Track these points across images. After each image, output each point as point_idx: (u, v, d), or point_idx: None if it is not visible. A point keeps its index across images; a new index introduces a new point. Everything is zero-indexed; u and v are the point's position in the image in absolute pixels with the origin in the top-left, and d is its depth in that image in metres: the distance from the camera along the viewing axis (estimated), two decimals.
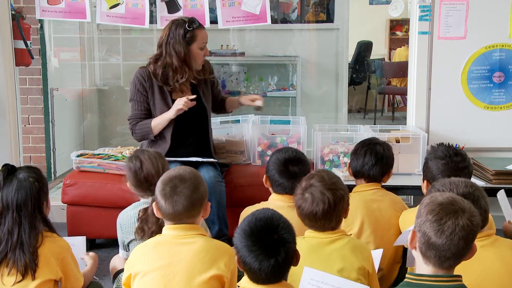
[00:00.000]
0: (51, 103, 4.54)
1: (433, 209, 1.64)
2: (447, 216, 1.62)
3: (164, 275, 1.94)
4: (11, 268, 2.07)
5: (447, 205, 1.64)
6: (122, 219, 2.52)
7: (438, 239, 1.61)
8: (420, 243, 1.66)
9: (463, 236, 1.60)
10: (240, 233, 1.73)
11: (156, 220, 2.31)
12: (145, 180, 2.44)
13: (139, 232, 2.36)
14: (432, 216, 1.63)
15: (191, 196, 2.02)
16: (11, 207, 2.13)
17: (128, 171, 2.48)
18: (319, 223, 2.07)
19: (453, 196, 1.69)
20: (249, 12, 3.69)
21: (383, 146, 2.70)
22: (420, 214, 1.67)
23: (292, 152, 2.62)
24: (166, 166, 2.49)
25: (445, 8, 3.66)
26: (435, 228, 1.62)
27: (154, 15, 3.78)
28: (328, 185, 2.08)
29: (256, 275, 1.70)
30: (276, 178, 2.54)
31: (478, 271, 1.89)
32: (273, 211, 1.78)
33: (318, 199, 2.05)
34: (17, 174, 2.16)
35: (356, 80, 7.80)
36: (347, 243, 2.07)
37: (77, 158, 3.49)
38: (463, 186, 1.94)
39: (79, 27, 5.06)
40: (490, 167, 3.37)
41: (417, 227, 1.67)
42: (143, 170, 2.44)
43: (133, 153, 2.53)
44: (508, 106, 3.74)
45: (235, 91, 5.36)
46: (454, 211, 1.63)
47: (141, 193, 2.49)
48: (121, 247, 2.57)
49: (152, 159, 2.46)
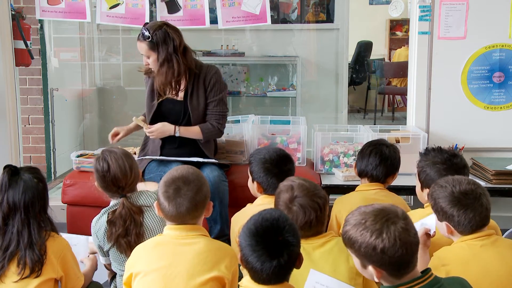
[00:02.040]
0: (51, 103, 4.54)
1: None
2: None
3: (164, 276, 1.94)
4: (22, 269, 2.08)
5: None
6: (95, 227, 2.46)
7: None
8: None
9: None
10: (245, 231, 1.72)
11: (123, 223, 2.31)
12: (112, 183, 2.39)
13: (108, 236, 2.35)
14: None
15: (195, 198, 2.01)
16: (19, 208, 2.13)
17: (96, 173, 2.43)
18: (313, 231, 2.05)
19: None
20: (249, 12, 3.69)
21: (390, 148, 2.70)
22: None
23: (275, 151, 2.59)
24: (134, 166, 2.43)
25: (445, 8, 3.66)
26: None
27: (154, 15, 3.78)
28: (311, 191, 2.07)
29: (258, 275, 1.69)
30: (273, 181, 2.48)
31: (478, 271, 1.89)
32: (280, 213, 1.76)
33: (309, 208, 2.03)
34: (21, 175, 2.17)
35: (356, 80, 7.80)
36: (335, 244, 2.06)
37: (77, 158, 3.49)
38: (466, 183, 1.97)
39: (79, 27, 5.06)
40: (490, 167, 3.37)
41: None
42: (110, 172, 2.38)
43: (100, 153, 2.46)
44: (508, 106, 3.74)
45: (235, 91, 5.36)
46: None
47: (109, 194, 2.45)
48: (100, 254, 2.51)
49: (118, 161, 2.39)
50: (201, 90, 3.23)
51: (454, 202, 1.94)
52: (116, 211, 2.35)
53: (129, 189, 2.41)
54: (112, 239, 2.34)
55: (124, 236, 2.32)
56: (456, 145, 3.59)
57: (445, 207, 1.96)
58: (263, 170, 2.52)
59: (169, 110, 3.25)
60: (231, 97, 5.34)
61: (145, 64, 3.21)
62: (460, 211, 1.93)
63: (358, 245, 1.66)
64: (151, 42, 3.11)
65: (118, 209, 2.36)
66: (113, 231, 2.34)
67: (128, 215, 2.35)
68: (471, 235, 1.96)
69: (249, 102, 5.44)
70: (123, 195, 2.39)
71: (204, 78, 3.23)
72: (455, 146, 3.58)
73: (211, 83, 3.23)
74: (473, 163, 3.59)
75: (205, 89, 3.23)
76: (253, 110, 5.26)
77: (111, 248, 2.41)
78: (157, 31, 3.10)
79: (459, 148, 3.58)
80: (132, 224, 2.34)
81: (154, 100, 3.25)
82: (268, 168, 2.52)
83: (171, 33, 3.12)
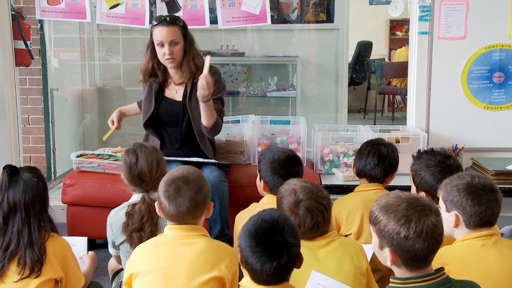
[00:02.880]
0: (51, 103, 4.54)
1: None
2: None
3: (165, 276, 1.94)
4: (22, 268, 2.08)
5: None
6: (112, 219, 2.48)
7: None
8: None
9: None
10: (245, 232, 1.72)
11: (140, 218, 2.31)
12: (138, 176, 2.41)
13: (124, 227, 2.36)
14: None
15: (195, 198, 2.01)
16: (19, 208, 2.14)
17: (124, 164, 2.46)
18: (320, 231, 2.05)
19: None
20: (249, 12, 3.69)
21: (388, 147, 2.68)
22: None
23: (284, 151, 2.58)
24: (161, 161, 2.46)
25: (445, 8, 3.66)
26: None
27: (154, 15, 3.77)
28: (315, 193, 2.06)
29: (258, 276, 1.69)
30: (279, 182, 2.45)
31: (479, 271, 1.89)
32: (280, 213, 1.76)
33: (315, 210, 2.02)
34: (21, 174, 2.17)
35: (356, 80, 7.80)
36: (340, 244, 2.06)
37: (77, 158, 3.49)
38: (484, 177, 2.01)
39: (79, 27, 5.06)
40: (490, 167, 3.37)
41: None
42: (137, 166, 2.41)
43: (132, 146, 2.50)
44: (508, 106, 3.74)
45: (235, 91, 5.36)
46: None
47: (133, 187, 2.46)
48: (110, 245, 2.53)
49: (147, 156, 2.42)
50: None
51: (471, 193, 1.95)
52: (136, 205, 2.35)
53: (152, 185, 2.40)
54: (127, 231, 2.34)
55: (138, 231, 2.32)
56: (456, 145, 3.59)
57: (458, 196, 1.96)
58: (270, 169, 2.52)
59: (168, 112, 3.24)
60: (231, 97, 5.34)
61: (168, 53, 3.07)
62: (474, 201, 1.94)
63: (383, 225, 1.67)
64: (183, 27, 3.09)
65: (139, 204, 2.36)
66: (129, 224, 2.35)
67: (147, 211, 2.35)
68: (473, 233, 1.96)
69: (249, 102, 5.44)
70: (145, 190, 2.40)
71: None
72: (455, 146, 3.59)
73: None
74: (473, 163, 3.59)
75: None
76: (253, 110, 5.27)
77: (123, 243, 2.42)
78: (182, 20, 3.12)
79: (459, 148, 3.58)
80: (149, 221, 2.34)
81: (152, 101, 3.24)
82: (275, 168, 2.52)
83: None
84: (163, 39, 3.08)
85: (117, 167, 3.44)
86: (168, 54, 3.09)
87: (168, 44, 3.07)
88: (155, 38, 3.11)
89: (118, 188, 3.31)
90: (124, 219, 2.38)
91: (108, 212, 3.31)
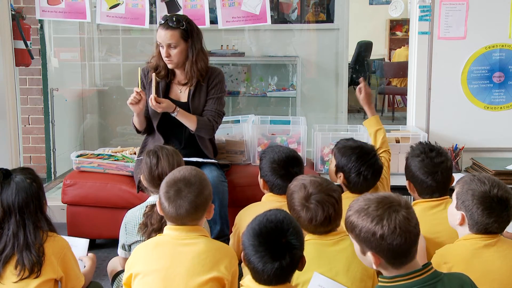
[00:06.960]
0: (51, 103, 4.54)
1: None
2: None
3: (164, 276, 1.94)
4: (20, 270, 2.08)
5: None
6: (128, 218, 2.50)
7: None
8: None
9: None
10: (249, 230, 1.72)
11: (160, 219, 2.31)
12: (158, 178, 2.41)
13: (142, 227, 2.36)
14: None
15: (195, 201, 2.01)
16: (14, 211, 2.13)
17: (144, 166, 2.47)
18: (332, 225, 2.04)
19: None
20: (249, 12, 3.69)
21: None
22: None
23: (285, 152, 2.58)
24: (181, 164, 2.48)
25: (445, 8, 3.66)
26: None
27: (154, 15, 3.78)
28: (325, 186, 2.06)
29: (259, 275, 1.69)
30: (278, 182, 2.50)
31: (480, 269, 1.89)
32: (285, 214, 1.75)
33: (326, 203, 2.01)
34: (13, 177, 2.16)
35: (356, 80, 7.78)
36: (350, 244, 2.05)
37: (77, 158, 3.49)
38: (504, 190, 1.96)
39: (79, 27, 5.06)
40: (490, 167, 3.37)
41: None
42: (158, 167, 2.43)
43: (153, 148, 2.53)
44: (508, 106, 3.74)
45: (235, 91, 5.36)
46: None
47: (152, 189, 2.48)
48: (120, 247, 2.55)
49: (169, 157, 2.45)
50: (204, 90, 3.22)
51: (483, 203, 1.92)
52: (155, 207, 2.33)
53: None
54: (146, 232, 2.34)
55: (157, 231, 2.30)
56: (456, 145, 3.59)
57: (471, 201, 1.94)
58: (270, 169, 2.53)
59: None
60: (231, 97, 5.34)
61: (165, 55, 3.08)
62: (484, 212, 1.92)
63: (359, 229, 1.67)
64: (185, 30, 3.08)
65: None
66: (148, 224, 2.35)
67: None
68: (477, 235, 1.96)
69: (249, 102, 5.44)
70: None
71: (208, 79, 3.22)
72: (455, 146, 3.58)
73: (213, 82, 3.22)
74: (473, 163, 3.59)
75: (207, 89, 3.23)
76: (253, 110, 5.27)
77: (135, 243, 2.42)
78: (190, 22, 3.11)
79: (459, 148, 3.58)
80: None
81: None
82: (275, 169, 2.52)
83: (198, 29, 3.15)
84: (161, 41, 3.10)
85: (117, 167, 3.44)
86: (165, 56, 3.11)
87: (166, 47, 3.09)
88: (157, 38, 3.14)
89: (118, 188, 3.33)
90: (141, 220, 2.39)
91: (108, 212, 3.34)
